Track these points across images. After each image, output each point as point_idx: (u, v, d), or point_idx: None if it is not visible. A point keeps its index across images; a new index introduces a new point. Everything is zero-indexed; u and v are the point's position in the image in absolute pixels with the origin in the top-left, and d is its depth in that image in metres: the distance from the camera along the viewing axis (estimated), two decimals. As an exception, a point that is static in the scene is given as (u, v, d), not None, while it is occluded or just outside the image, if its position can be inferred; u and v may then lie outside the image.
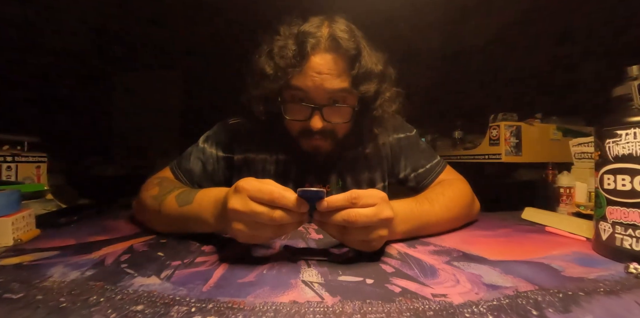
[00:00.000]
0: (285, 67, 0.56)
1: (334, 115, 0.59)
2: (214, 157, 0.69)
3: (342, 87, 0.57)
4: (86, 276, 0.33)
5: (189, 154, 0.69)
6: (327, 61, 0.55)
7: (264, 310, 0.26)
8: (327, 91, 0.56)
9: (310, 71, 0.55)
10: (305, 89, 0.56)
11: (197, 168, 0.68)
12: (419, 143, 0.73)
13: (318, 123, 0.58)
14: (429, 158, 0.71)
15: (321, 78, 0.55)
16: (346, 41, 0.55)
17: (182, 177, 0.67)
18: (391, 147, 0.72)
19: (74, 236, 0.49)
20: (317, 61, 0.55)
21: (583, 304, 0.26)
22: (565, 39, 1.89)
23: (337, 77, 0.56)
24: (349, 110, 0.60)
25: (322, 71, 0.55)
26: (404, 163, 0.71)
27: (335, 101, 0.58)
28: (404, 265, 0.37)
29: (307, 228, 0.56)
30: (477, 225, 0.59)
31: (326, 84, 0.55)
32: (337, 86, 0.56)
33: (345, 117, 0.60)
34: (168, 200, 0.49)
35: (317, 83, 0.55)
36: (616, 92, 0.40)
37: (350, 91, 0.57)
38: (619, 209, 0.37)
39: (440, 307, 0.26)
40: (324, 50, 0.55)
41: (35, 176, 0.93)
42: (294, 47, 0.56)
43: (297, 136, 0.63)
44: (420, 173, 0.69)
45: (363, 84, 0.57)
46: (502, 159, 1.57)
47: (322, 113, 0.57)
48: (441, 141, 2.13)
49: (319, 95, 0.57)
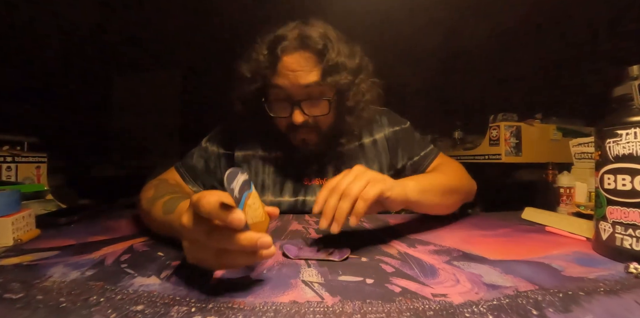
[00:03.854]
0: (262, 69, 0.62)
1: (313, 108, 0.63)
2: (216, 154, 0.74)
3: (315, 81, 0.61)
4: (86, 277, 0.33)
5: (192, 153, 0.75)
6: (297, 59, 0.60)
7: (264, 310, 0.25)
8: (301, 86, 0.60)
9: (284, 70, 0.61)
10: (283, 87, 0.61)
11: (200, 165, 0.73)
12: (414, 134, 0.78)
13: (299, 117, 0.62)
14: (424, 147, 0.75)
15: (294, 75, 0.60)
16: (314, 39, 0.60)
17: (186, 174, 0.72)
18: (388, 140, 0.75)
19: (74, 236, 0.49)
20: (288, 60, 0.60)
21: (583, 304, 0.26)
22: (566, 39, 1.89)
23: (309, 72, 0.60)
24: (325, 102, 0.63)
25: (295, 69, 0.60)
26: (401, 154, 0.75)
27: (311, 95, 0.62)
28: (404, 265, 0.37)
29: (307, 228, 0.56)
30: (477, 225, 0.59)
31: (300, 80, 0.60)
32: (310, 80, 0.60)
33: (324, 110, 0.63)
34: (156, 206, 0.49)
35: (292, 80, 0.60)
36: (616, 92, 0.40)
37: (322, 83, 0.61)
38: (619, 209, 0.37)
39: (441, 306, 0.26)
40: (293, 49, 0.60)
41: (35, 176, 0.93)
42: (266, 51, 0.62)
43: (285, 132, 0.67)
44: (416, 160, 0.73)
45: (333, 75, 0.61)
46: (502, 159, 1.57)
47: (301, 108, 0.62)
48: (441, 141, 2.13)
49: (295, 91, 0.61)
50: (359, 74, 0.66)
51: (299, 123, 0.62)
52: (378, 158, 0.74)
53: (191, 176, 0.72)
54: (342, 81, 0.62)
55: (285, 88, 0.61)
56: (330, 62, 0.60)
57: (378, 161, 0.73)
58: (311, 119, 0.64)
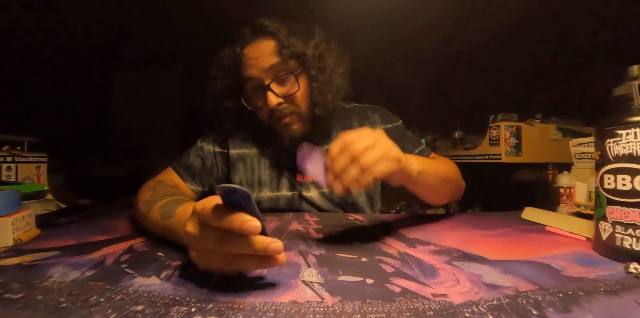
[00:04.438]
0: (230, 67, 0.68)
1: (282, 88, 0.66)
2: (212, 153, 0.76)
3: (276, 61, 0.64)
4: (86, 277, 0.33)
5: (188, 153, 0.76)
6: (255, 47, 0.65)
7: (264, 310, 0.25)
8: (265, 69, 0.64)
9: (248, 61, 0.65)
10: (252, 76, 0.65)
11: (197, 164, 0.74)
12: (406, 132, 0.79)
13: (273, 98, 0.64)
14: (416, 144, 0.77)
15: (257, 61, 0.64)
16: (265, 25, 0.65)
17: (185, 174, 0.72)
18: None
19: (74, 236, 0.49)
20: (248, 51, 0.65)
21: (583, 304, 0.26)
22: (566, 39, 1.89)
23: (269, 55, 0.64)
24: (291, 78, 0.66)
25: (256, 56, 0.64)
26: None
27: (277, 75, 0.65)
28: (404, 265, 0.37)
29: (307, 228, 0.56)
30: (477, 225, 0.59)
31: (263, 63, 0.64)
32: (272, 61, 0.64)
33: (294, 86, 0.66)
34: (154, 209, 0.48)
35: (256, 66, 0.64)
36: (616, 92, 0.40)
37: (283, 60, 0.64)
38: (619, 209, 0.37)
39: (441, 306, 0.26)
40: (249, 40, 0.66)
41: (35, 176, 0.93)
42: (229, 50, 0.69)
43: (270, 123, 0.69)
44: None
45: (290, 47, 0.64)
46: (502, 159, 1.57)
47: (272, 90, 0.64)
48: (441, 141, 2.13)
49: (263, 75, 0.64)
50: (319, 46, 0.69)
51: (274, 105, 0.64)
52: None
53: (190, 175, 0.73)
54: (300, 50, 0.65)
55: (254, 77, 0.65)
56: (285, 39, 0.64)
57: None
58: (286, 101, 0.66)
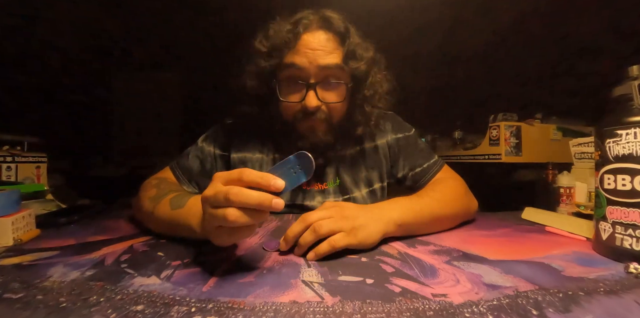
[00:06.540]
0: (279, 45, 0.58)
1: (328, 94, 0.59)
2: (212, 155, 0.70)
3: (335, 63, 0.58)
4: (86, 277, 0.33)
5: (188, 153, 0.71)
6: (319, 38, 0.57)
7: (264, 310, 0.26)
8: (320, 67, 0.57)
9: (303, 48, 0.57)
10: (300, 66, 0.57)
11: (196, 166, 0.69)
12: (418, 143, 0.73)
13: (313, 100, 0.57)
14: (427, 157, 0.71)
15: (314, 54, 0.57)
16: (336, 20, 0.58)
17: (181, 175, 0.68)
18: (390, 147, 0.72)
19: (74, 236, 0.49)
20: (309, 39, 0.57)
21: (583, 304, 0.26)
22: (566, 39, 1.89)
23: (329, 53, 0.57)
24: (342, 88, 0.60)
25: (315, 48, 0.57)
26: (402, 163, 0.71)
27: (328, 78, 0.58)
28: (404, 265, 0.37)
29: (307, 228, 0.56)
30: (477, 225, 0.59)
31: (319, 59, 0.57)
32: (330, 61, 0.57)
33: (340, 96, 0.60)
34: (163, 202, 0.49)
35: (311, 59, 0.57)
36: (616, 92, 0.40)
37: (342, 67, 0.58)
38: (619, 209, 0.37)
39: (441, 306, 0.26)
40: (315, 28, 0.58)
41: (35, 176, 0.93)
42: (288, 27, 0.58)
43: (293, 120, 0.62)
44: (418, 172, 0.69)
45: (354, 60, 0.59)
46: (502, 159, 1.57)
47: (316, 91, 0.58)
48: (441, 141, 2.13)
49: (312, 72, 0.57)
50: (374, 64, 0.64)
51: (312, 108, 0.58)
52: (378, 164, 0.71)
53: (187, 178, 0.68)
54: (362, 67, 0.59)
55: (302, 68, 0.57)
56: (351, 46, 0.58)
57: (378, 167, 0.71)
58: (324, 106, 0.60)
